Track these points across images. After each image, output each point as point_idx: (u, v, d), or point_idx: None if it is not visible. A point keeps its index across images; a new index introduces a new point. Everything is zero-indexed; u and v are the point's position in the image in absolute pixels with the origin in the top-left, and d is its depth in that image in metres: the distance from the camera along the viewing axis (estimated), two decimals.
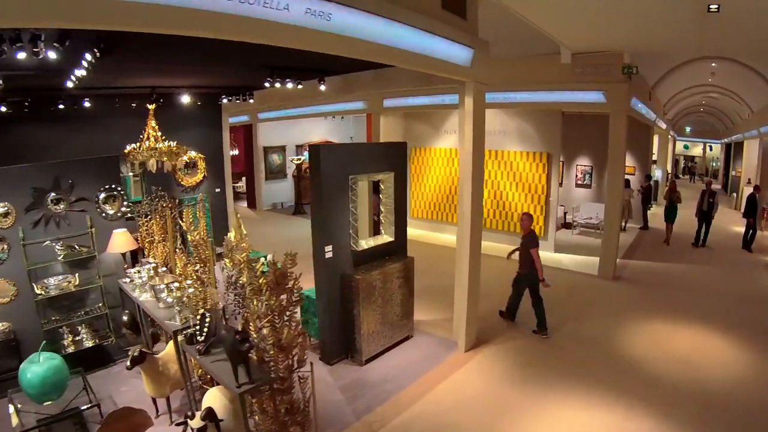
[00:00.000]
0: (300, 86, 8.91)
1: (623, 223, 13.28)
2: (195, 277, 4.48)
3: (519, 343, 6.42)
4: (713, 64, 13.72)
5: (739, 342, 6.37)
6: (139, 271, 5.23)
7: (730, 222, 14.88)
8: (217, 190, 11.11)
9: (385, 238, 6.42)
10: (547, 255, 10.21)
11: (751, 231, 11.44)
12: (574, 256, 10.32)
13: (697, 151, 32.58)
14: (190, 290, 4.19)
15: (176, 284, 4.65)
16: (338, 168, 5.64)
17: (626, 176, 13.86)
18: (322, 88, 9.49)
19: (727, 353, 6.12)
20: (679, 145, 32.62)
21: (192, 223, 5.75)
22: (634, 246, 11.60)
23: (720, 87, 17.02)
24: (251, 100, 10.71)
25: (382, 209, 6.45)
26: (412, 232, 13.00)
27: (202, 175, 10.51)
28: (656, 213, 15.99)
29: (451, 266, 6.49)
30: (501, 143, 11.04)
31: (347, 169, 5.73)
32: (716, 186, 26.14)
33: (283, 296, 3.57)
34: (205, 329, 3.68)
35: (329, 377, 5.50)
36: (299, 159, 15.76)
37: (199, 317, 3.86)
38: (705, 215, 11.43)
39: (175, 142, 6.96)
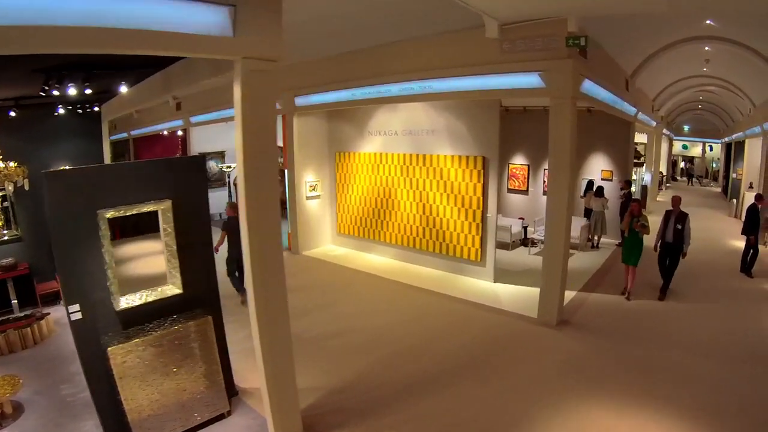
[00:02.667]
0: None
1: (594, 239, 10.65)
2: None
3: None
4: (707, 48, 11.06)
5: None
6: None
7: (727, 233, 12.11)
8: None
9: (168, 290, 4.07)
10: (484, 286, 7.71)
11: (752, 251, 8.76)
12: (518, 287, 7.77)
13: (696, 151, 29.46)
14: None
15: None
16: (79, 200, 3.73)
17: (602, 182, 11.26)
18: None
19: None
20: (677, 145, 29.56)
21: None
22: (602, 271, 8.94)
23: (717, 78, 14.26)
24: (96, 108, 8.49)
25: (165, 250, 4.07)
26: (339, 251, 10.67)
27: None
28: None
29: (357, 301, 6.18)
30: (430, 146, 8.56)
31: (95, 201, 3.78)
32: (716, 187, 23.00)
33: None
34: None
35: None
36: (229, 167, 13.45)
37: None
38: (670, 250, 7.34)
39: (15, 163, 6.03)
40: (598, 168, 11.38)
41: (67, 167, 4.43)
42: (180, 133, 15.88)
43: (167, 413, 4.00)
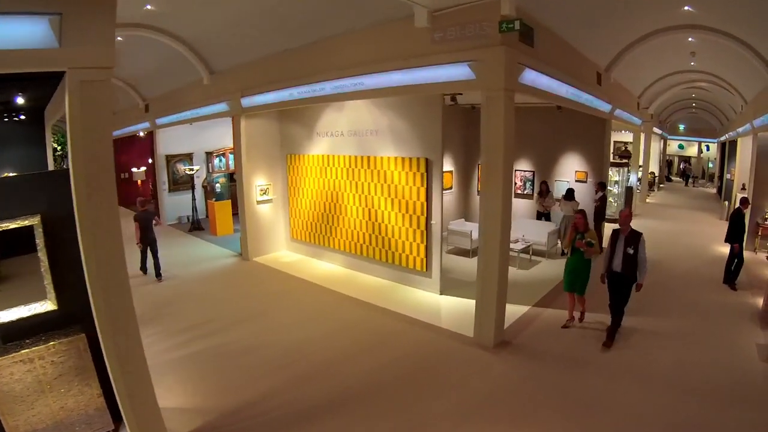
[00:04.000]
0: None
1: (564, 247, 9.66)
2: None
3: None
4: (690, 39, 10.06)
5: None
6: None
7: (714, 238, 11.02)
8: None
9: (40, 307, 3.71)
10: (428, 299, 6.81)
11: (736, 260, 7.73)
12: (466, 301, 6.82)
13: (693, 151, 28.15)
14: None
15: None
16: None
17: (575, 183, 10.27)
18: None
19: None
20: (673, 145, 28.31)
21: None
22: None
23: (706, 73, 13.22)
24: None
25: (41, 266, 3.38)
26: (291, 257, 9.80)
27: None
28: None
29: (289, 312, 5.96)
30: (374, 147, 7.67)
31: None
32: (711, 188, 21.83)
33: None
34: None
35: None
36: (191, 169, 12.67)
37: None
38: (619, 282, 5.43)
39: None
40: (571, 169, 10.39)
41: None
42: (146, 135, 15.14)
43: (45, 430, 3.67)
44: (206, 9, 7.64)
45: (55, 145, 29.72)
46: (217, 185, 12.41)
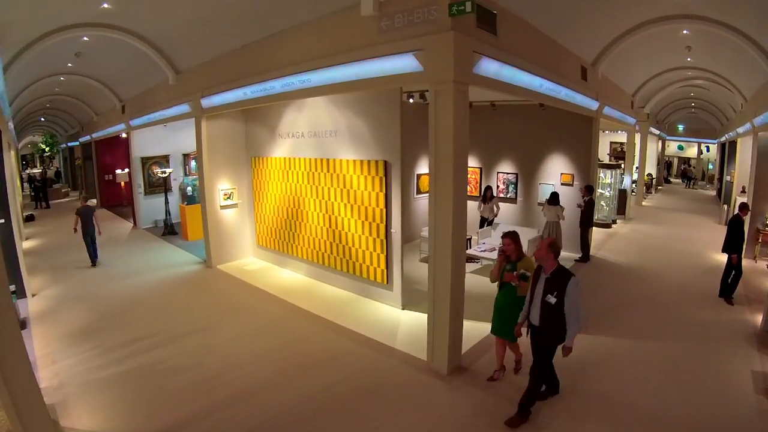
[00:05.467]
0: None
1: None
2: None
3: None
4: (685, 31, 9.21)
5: None
6: None
7: (711, 245, 10.15)
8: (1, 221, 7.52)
9: None
10: (387, 314, 6.08)
11: (733, 272, 6.88)
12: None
13: (692, 152, 27.09)
14: None
15: None
16: None
17: (560, 187, 9.45)
18: None
19: None
20: (672, 146, 27.28)
21: None
22: None
23: (703, 69, 12.31)
24: None
25: None
26: (256, 265, 9.06)
27: None
28: (616, 234, 11.41)
29: (236, 327, 5.50)
30: (333, 149, 6.93)
31: None
32: (711, 190, 20.93)
33: None
34: None
35: None
36: (164, 172, 12.01)
37: None
38: (537, 338, 3.82)
39: None
40: (557, 172, 9.56)
41: None
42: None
43: None
44: (166, 5, 6.97)
45: (43, 147, 29.41)
46: (189, 188, 11.72)
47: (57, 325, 6.24)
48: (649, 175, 19.96)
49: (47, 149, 29.42)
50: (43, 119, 22.26)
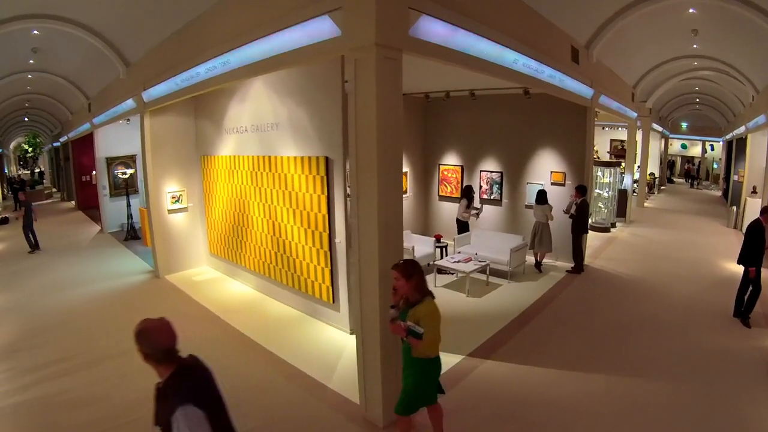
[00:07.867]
0: None
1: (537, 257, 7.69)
2: None
3: None
4: (691, 10, 7.97)
5: None
6: None
7: (722, 252, 8.87)
8: None
9: None
10: (333, 340, 4.94)
11: (751, 287, 5.64)
12: None
13: (696, 151, 25.64)
14: None
15: None
16: None
17: (550, 186, 8.23)
18: None
19: None
20: (676, 144, 25.85)
21: None
22: (527, 315, 5.91)
23: (711, 58, 10.98)
24: None
25: None
26: (208, 275, 7.88)
27: None
28: (615, 239, 10.13)
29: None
30: (274, 145, 5.80)
31: None
32: (716, 190, 19.65)
33: None
34: None
35: None
36: (124, 173, 10.97)
37: None
38: None
39: None
40: (546, 170, 8.34)
41: None
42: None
43: None
44: None
45: (27, 147, 28.54)
46: None
47: None
48: (652, 174, 18.62)
49: (30, 150, 28.53)
50: (27, 119, 21.40)
